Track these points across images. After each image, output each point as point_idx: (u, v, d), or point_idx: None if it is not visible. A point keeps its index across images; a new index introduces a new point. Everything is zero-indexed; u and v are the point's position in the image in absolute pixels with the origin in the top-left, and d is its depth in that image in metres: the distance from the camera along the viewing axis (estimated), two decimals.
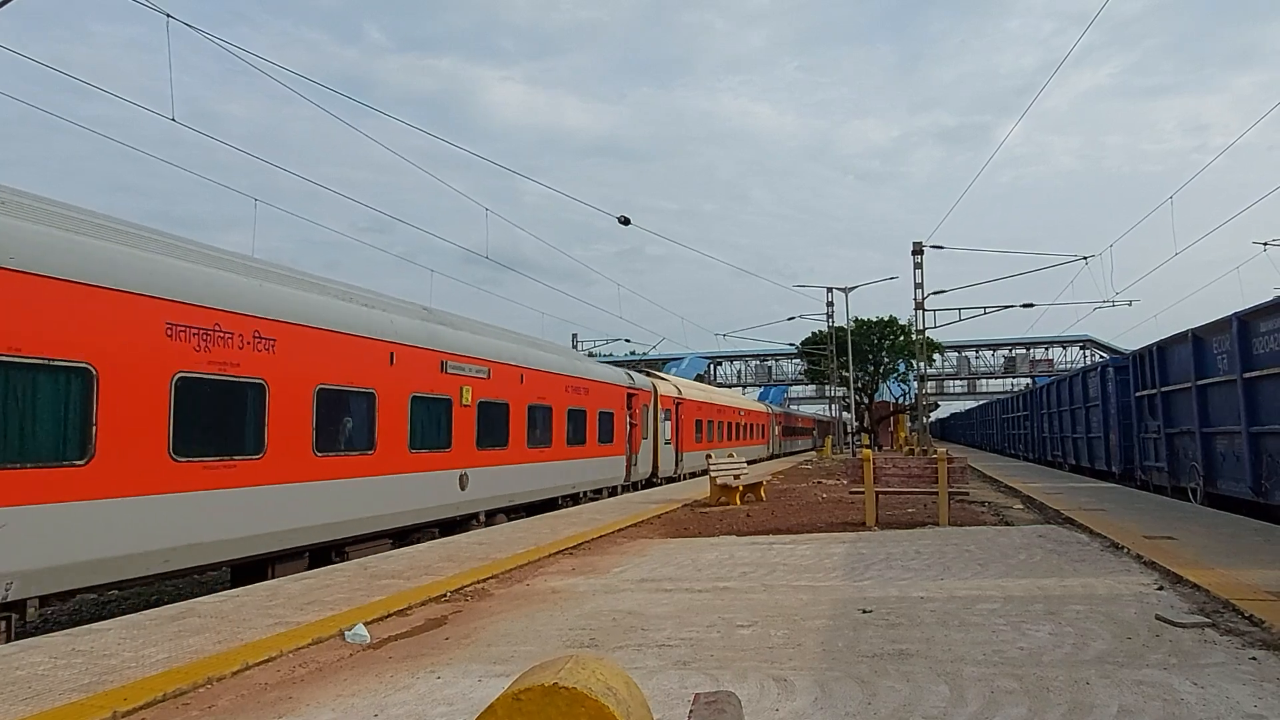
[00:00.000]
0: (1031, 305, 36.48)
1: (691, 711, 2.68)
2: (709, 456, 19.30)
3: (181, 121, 13.63)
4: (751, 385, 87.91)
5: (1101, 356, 65.12)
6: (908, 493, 13.40)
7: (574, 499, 19.31)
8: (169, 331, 8.50)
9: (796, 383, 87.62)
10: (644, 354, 67.95)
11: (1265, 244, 27.29)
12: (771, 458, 46.69)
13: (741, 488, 17.39)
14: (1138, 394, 18.44)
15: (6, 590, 6.89)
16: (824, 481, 24.28)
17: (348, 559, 10.95)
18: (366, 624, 6.52)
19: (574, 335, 62.65)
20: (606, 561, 9.81)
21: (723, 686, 4.78)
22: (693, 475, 28.66)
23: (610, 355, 64.61)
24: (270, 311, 9.88)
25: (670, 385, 28.26)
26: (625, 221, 20.98)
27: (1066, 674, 4.82)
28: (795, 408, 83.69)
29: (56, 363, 7.27)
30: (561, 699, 2.20)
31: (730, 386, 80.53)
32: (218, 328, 9.10)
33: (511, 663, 5.43)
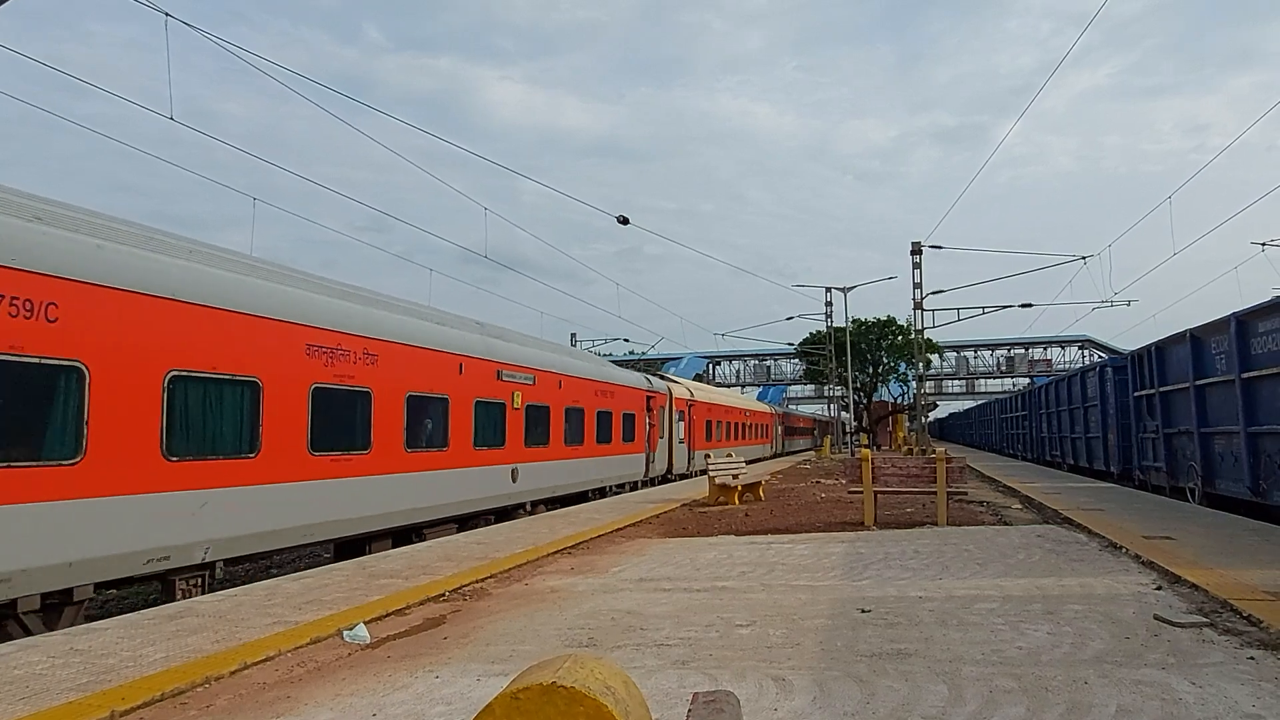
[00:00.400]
0: (1030, 305, 36.51)
1: (690, 711, 2.68)
2: (708, 456, 19.68)
3: (180, 120, 13.60)
4: (750, 385, 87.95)
5: (1100, 356, 65.19)
6: (906, 492, 13.41)
7: (601, 492, 21.04)
8: (308, 351, 10.63)
9: (795, 382, 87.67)
10: (643, 353, 67.90)
11: (1264, 244, 27.31)
12: (775, 456, 48.17)
13: (740, 487, 17.39)
14: (1136, 394, 18.46)
15: (205, 553, 9.03)
16: (822, 481, 24.28)
17: (424, 539, 12.84)
18: (365, 623, 6.52)
19: (573, 335, 62.54)
20: (605, 561, 9.81)
21: (721, 686, 4.78)
22: (703, 472, 29.56)
23: (610, 355, 64.57)
24: (374, 332, 11.99)
25: (683, 388, 29.92)
26: (624, 221, 20.99)
27: (1065, 673, 4.82)
28: (793, 407, 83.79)
29: (237, 378, 9.26)
30: (560, 698, 2.20)
31: (729, 386, 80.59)
32: (339, 347, 11.24)
33: (510, 662, 5.43)
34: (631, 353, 66.79)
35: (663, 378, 30.92)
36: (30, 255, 7.28)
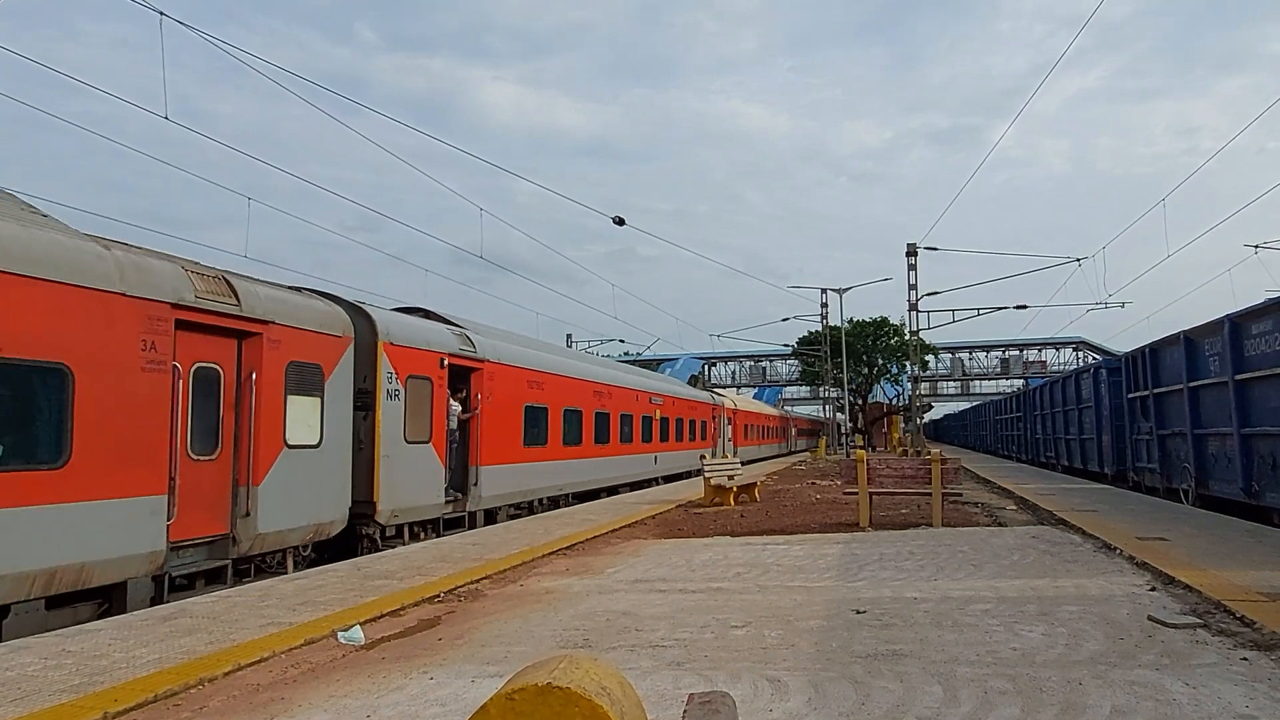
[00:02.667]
0: (1025, 306, 36.55)
1: (686, 711, 2.68)
2: (706, 455, 20.93)
3: (174, 119, 13.61)
4: (746, 386, 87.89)
5: (1094, 358, 65.35)
6: (902, 494, 13.42)
7: (688, 474, 30.25)
8: (594, 394, 20.94)
9: (791, 383, 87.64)
10: (638, 354, 67.87)
11: (1257, 246, 27.42)
12: (789, 453, 58.21)
13: (735, 488, 17.40)
14: (1130, 395, 18.50)
15: (571, 488, 19.16)
16: (818, 482, 24.29)
17: (616, 493, 22.12)
18: (360, 624, 6.50)
19: (568, 335, 62.57)
20: (600, 562, 9.80)
21: (717, 687, 4.77)
22: (746, 462, 40.26)
23: (608, 355, 64.48)
24: (611, 381, 22.62)
25: (730, 400, 41.02)
26: (620, 222, 21.01)
27: (1059, 674, 4.83)
28: (789, 409, 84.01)
29: (540, 405, 17.58)
30: (555, 699, 2.20)
31: (724, 387, 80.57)
32: (604, 393, 21.67)
33: (505, 663, 5.42)
34: (626, 353, 66.75)
35: (714, 392, 41.02)
36: (539, 364, 17.87)
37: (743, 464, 40.28)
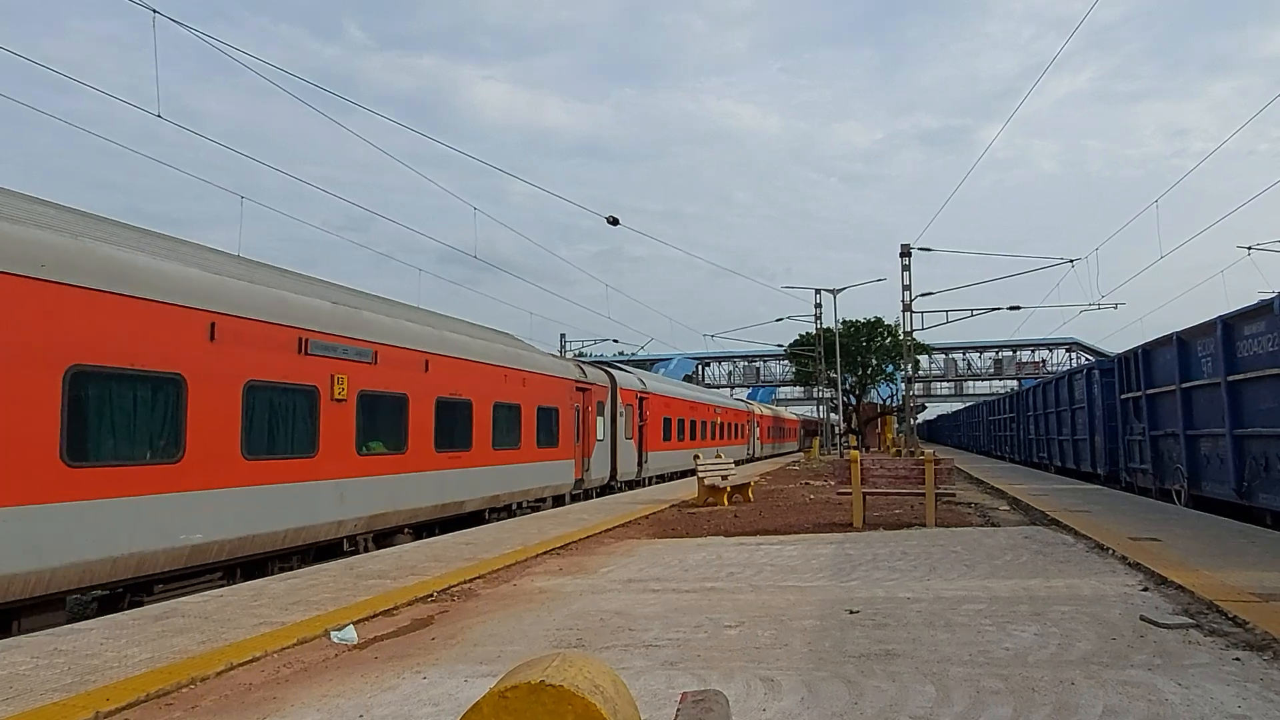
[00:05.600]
0: (1018, 308, 36.64)
1: (679, 710, 2.68)
2: (709, 454, 21.46)
3: (166, 117, 13.51)
4: (739, 386, 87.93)
5: (1088, 359, 65.51)
6: (895, 494, 13.43)
7: (734, 463, 41.73)
8: (716, 413, 37.94)
9: (785, 384, 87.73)
10: (632, 354, 67.86)
11: (1249, 248, 27.55)
12: (799, 450, 65.27)
13: (729, 488, 17.40)
14: (1123, 396, 18.57)
15: (657, 469, 28.66)
16: (811, 482, 24.32)
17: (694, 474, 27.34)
18: (353, 624, 6.48)
19: (562, 335, 62.58)
20: (594, 562, 9.80)
21: (710, 686, 4.77)
22: (766, 457, 50.44)
23: (601, 355, 64.53)
24: (694, 398, 34.83)
25: (757, 407, 51.35)
26: (614, 222, 20.99)
27: (1051, 674, 4.84)
28: (783, 410, 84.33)
29: (668, 416, 29.38)
30: (548, 696, 2.19)
31: (719, 388, 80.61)
32: (717, 407, 39.30)
33: (498, 663, 5.41)
34: (620, 354, 66.73)
35: (748, 401, 50.66)
36: (667, 392, 30.03)
37: (765, 456, 50.15)
